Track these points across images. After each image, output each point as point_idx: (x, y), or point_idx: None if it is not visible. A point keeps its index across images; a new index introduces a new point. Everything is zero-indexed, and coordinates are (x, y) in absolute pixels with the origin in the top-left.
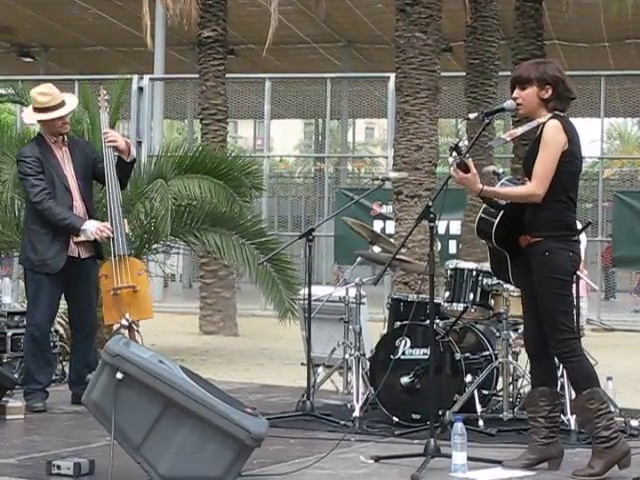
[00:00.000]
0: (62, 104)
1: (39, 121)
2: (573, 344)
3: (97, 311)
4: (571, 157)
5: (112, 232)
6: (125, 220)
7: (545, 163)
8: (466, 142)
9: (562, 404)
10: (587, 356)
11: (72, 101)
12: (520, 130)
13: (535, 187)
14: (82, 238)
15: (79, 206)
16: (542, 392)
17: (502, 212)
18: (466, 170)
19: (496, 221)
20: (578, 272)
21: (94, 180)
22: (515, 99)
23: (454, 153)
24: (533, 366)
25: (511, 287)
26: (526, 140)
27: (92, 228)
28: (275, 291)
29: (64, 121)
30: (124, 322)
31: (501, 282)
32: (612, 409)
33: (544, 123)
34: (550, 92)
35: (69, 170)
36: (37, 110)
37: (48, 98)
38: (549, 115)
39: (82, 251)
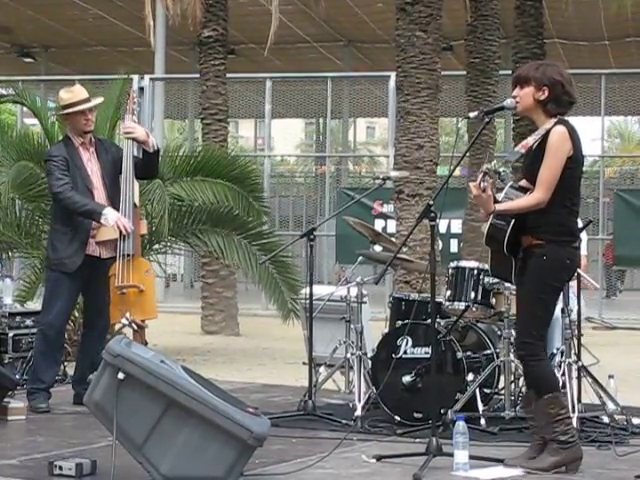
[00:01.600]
0: (86, 100)
1: (65, 119)
2: (534, 348)
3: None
4: (575, 163)
5: (128, 233)
6: (144, 221)
7: (551, 170)
8: (495, 164)
9: None
10: (590, 354)
11: (96, 99)
12: (531, 140)
13: (542, 195)
14: (108, 236)
15: None
16: None
17: (513, 221)
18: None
19: (508, 230)
20: (579, 270)
21: None
22: (514, 97)
23: (487, 177)
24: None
25: (512, 286)
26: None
27: (113, 216)
28: (277, 292)
29: (87, 117)
30: (124, 321)
31: (503, 281)
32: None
33: (550, 129)
34: (546, 94)
35: (95, 171)
36: (63, 108)
37: (70, 95)
38: (554, 120)
39: (103, 251)
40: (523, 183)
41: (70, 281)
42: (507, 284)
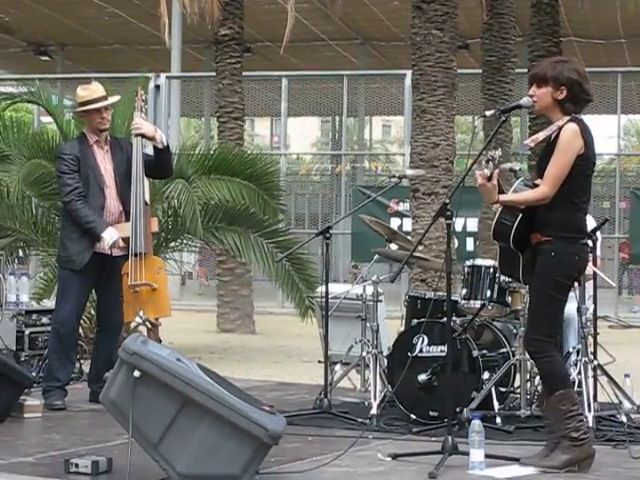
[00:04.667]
0: (103, 98)
1: (81, 117)
2: (544, 345)
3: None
4: (586, 161)
5: (120, 249)
6: (155, 219)
7: (558, 166)
8: (499, 153)
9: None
10: (606, 353)
11: (113, 97)
12: (542, 135)
13: (545, 190)
14: (120, 234)
15: (113, 205)
16: None
17: (520, 216)
18: (488, 179)
19: (515, 225)
20: (594, 269)
21: None
22: (531, 96)
23: (490, 164)
24: None
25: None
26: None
27: (108, 239)
28: (295, 289)
29: (102, 115)
30: (138, 319)
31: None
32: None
33: (562, 126)
34: (565, 93)
35: (108, 169)
36: (80, 105)
37: (88, 92)
38: (567, 118)
39: (114, 249)
40: (538, 182)
41: (81, 279)
42: (528, 288)
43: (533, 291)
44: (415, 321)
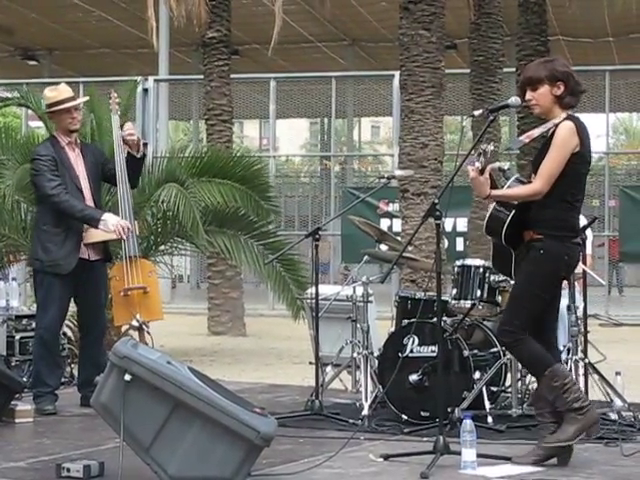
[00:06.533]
0: (71, 99)
1: (50, 118)
2: (514, 335)
3: (107, 313)
4: (581, 159)
5: (128, 236)
6: (136, 222)
7: (552, 163)
8: (492, 147)
9: None
10: (597, 351)
11: (82, 98)
12: (537, 132)
13: (538, 186)
14: (97, 238)
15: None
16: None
17: (513, 212)
18: (480, 173)
19: (507, 221)
20: (584, 267)
21: (104, 182)
22: (529, 101)
23: (481, 157)
24: None
25: None
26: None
27: (113, 220)
28: (286, 290)
29: (72, 115)
30: (134, 323)
31: (508, 278)
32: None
33: (558, 123)
34: (562, 88)
35: (81, 171)
36: (48, 107)
37: (56, 93)
38: (564, 115)
39: (92, 253)
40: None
41: (62, 284)
42: (513, 282)
43: (516, 285)
44: (405, 321)
